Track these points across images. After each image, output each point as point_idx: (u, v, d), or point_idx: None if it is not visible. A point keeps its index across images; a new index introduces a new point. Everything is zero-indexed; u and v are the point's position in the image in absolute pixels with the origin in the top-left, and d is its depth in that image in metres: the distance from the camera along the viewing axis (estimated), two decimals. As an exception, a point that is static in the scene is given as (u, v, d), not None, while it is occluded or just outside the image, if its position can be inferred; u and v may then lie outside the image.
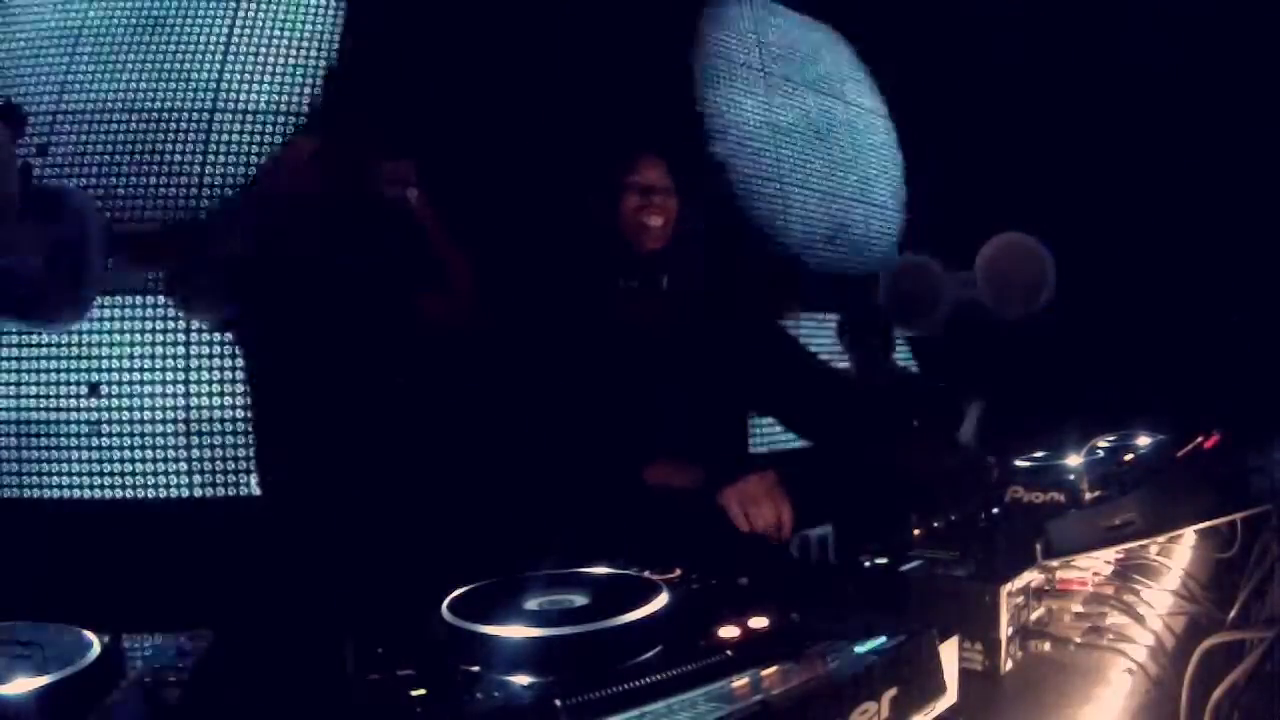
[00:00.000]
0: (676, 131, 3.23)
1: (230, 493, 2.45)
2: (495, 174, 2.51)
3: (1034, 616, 1.29)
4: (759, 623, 0.94)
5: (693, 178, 2.29)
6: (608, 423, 1.89)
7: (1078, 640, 1.30)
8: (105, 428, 2.46)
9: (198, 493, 2.47)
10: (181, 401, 2.48)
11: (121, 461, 2.46)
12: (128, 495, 2.45)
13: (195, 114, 2.65)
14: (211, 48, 2.69)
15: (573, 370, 1.96)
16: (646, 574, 1.08)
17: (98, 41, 2.63)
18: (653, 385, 2.01)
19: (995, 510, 1.59)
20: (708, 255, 2.29)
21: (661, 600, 0.95)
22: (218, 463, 2.49)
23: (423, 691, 0.82)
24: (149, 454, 2.47)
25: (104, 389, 2.48)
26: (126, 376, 2.52)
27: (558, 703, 0.77)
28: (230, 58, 2.69)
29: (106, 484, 2.45)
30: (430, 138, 2.31)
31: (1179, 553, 1.60)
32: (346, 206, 1.94)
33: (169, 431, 2.49)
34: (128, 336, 2.51)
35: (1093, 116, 3.51)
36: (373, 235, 1.98)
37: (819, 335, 3.59)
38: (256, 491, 2.20)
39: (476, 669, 0.85)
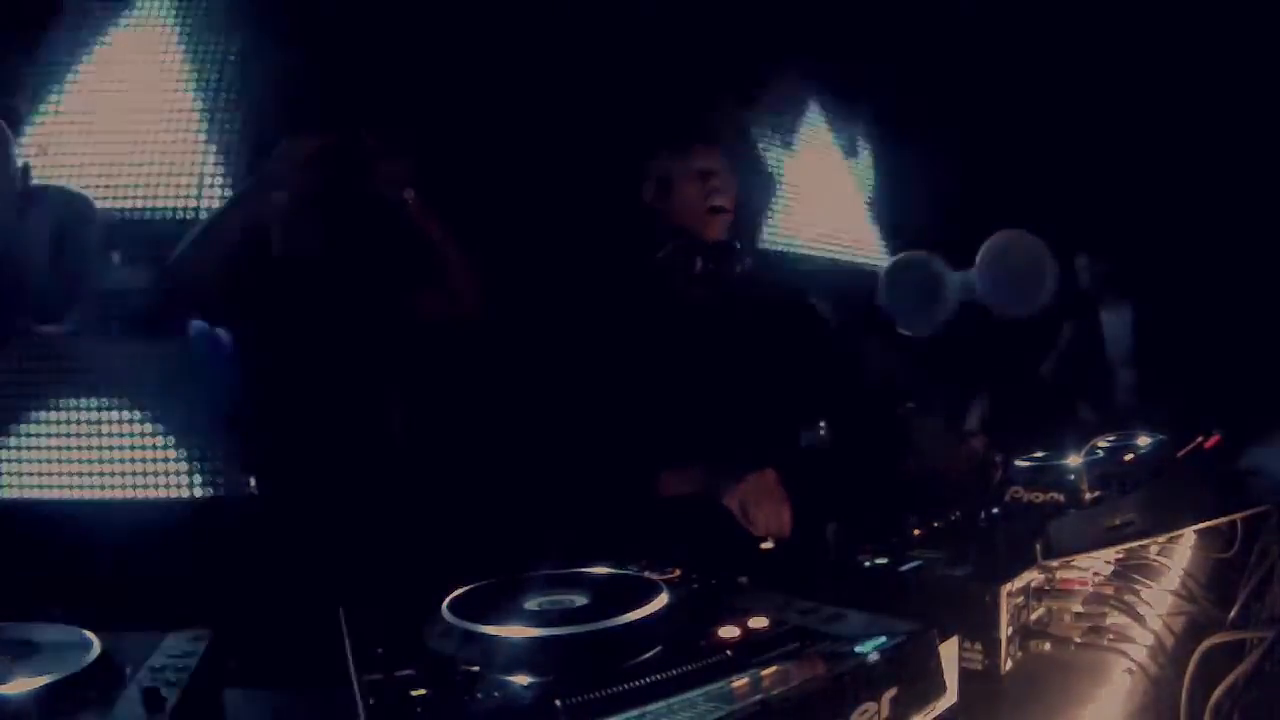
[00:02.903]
0: (731, 118, 3.17)
1: (230, 493, 2.44)
2: (529, 170, 2.48)
3: (1034, 616, 1.29)
4: (759, 623, 0.94)
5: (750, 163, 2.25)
6: (623, 422, 1.89)
7: (1078, 640, 1.30)
8: (104, 426, 2.46)
9: (198, 492, 2.46)
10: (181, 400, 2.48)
11: (121, 460, 2.45)
12: (127, 495, 2.45)
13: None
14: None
15: (630, 357, 1.94)
16: (646, 574, 1.09)
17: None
18: (713, 369, 1.99)
19: (995, 510, 1.59)
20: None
21: (661, 600, 0.95)
22: (218, 462, 2.48)
23: (423, 691, 0.82)
24: (149, 453, 2.47)
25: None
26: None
27: (558, 703, 0.77)
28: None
29: (106, 483, 2.44)
30: (451, 135, 2.30)
31: (1179, 553, 1.60)
32: (344, 206, 1.94)
33: (168, 430, 2.49)
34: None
35: (1094, 115, 3.50)
36: (370, 235, 1.98)
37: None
38: (256, 491, 2.20)
39: (476, 669, 0.85)
